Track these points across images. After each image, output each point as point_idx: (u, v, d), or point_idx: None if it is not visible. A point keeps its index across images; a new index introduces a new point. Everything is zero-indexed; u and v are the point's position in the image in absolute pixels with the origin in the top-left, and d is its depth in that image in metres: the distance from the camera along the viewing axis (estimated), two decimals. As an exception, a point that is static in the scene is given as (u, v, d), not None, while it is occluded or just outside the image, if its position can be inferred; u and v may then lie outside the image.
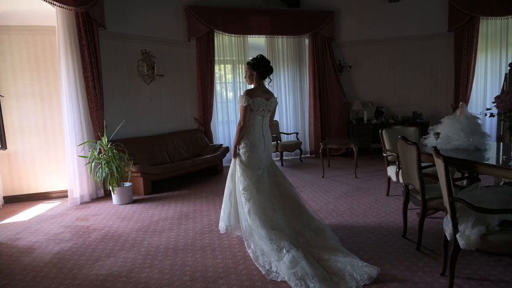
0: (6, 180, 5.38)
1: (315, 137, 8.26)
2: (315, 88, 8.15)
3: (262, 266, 2.89)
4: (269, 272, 2.80)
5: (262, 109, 3.35)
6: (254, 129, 3.38)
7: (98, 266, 3.13)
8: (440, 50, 7.78)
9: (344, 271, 2.69)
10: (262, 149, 3.42)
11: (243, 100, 3.27)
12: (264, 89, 3.43)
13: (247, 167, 3.34)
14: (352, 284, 2.56)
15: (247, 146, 3.37)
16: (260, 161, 3.41)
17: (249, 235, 3.19)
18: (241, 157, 3.39)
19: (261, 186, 3.33)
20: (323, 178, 6.15)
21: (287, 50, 8.25)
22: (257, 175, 3.36)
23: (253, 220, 3.15)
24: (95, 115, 5.38)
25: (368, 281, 2.60)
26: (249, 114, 3.30)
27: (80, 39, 5.19)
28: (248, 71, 3.41)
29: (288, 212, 3.36)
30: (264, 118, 3.43)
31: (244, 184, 3.29)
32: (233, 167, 3.48)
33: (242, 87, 7.89)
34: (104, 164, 4.95)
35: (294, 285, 2.57)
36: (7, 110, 5.21)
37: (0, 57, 5.15)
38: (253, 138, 3.37)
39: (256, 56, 3.44)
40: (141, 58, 6.46)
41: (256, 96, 3.32)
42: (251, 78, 3.41)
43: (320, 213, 4.28)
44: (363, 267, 2.74)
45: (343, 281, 2.59)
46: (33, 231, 4.12)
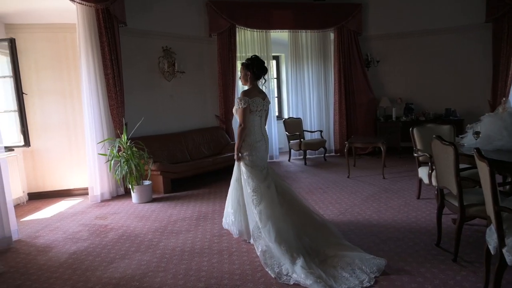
0: (30, 177, 5.44)
1: (340, 135, 7.95)
2: (340, 84, 7.83)
3: (271, 269, 2.83)
4: (280, 275, 2.75)
5: (260, 109, 3.34)
6: (254, 130, 3.35)
7: (112, 269, 3.04)
8: (476, 42, 7.25)
9: (354, 265, 2.73)
10: (263, 149, 3.41)
11: (242, 102, 3.24)
12: (259, 89, 3.42)
13: (253, 168, 3.30)
14: (363, 277, 2.61)
15: (251, 148, 3.32)
16: (263, 161, 3.40)
17: (258, 237, 3.12)
18: (246, 159, 3.33)
19: (269, 184, 3.30)
20: (348, 178, 5.86)
21: (311, 45, 7.97)
22: (264, 173, 3.34)
23: (265, 223, 3.08)
24: (115, 112, 5.35)
25: (377, 273, 2.67)
26: (248, 115, 3.27)
27: (101, 36, 5.15)
28: (243, 71, 3.40)
29: (289, 209, 3.33)
30: (262, 119, 3.43)
31: (252, 185, 3.23)
32: (238, 171, 3.42)
33: (264, 84, 7.66)
34: (123, 162, 4.90)
35: (313, 282, 2.55)
36: (30, 107, 5.26)
37: (23, 55, 5.18)
38: (256, 139, 3.35)
39: (250, 56, 3.43)
40: (161, 55, 6.38)
41: (254, 96, 3.30)
42: (245, 78, 3.40)
43: (344, 217, 4.04)
44: (371, 259, 2.79)
45: (354, 275, 2.64)
46: (52, 229, 4.11)
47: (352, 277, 2.62)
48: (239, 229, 3.47)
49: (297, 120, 7.81)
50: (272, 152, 7.79)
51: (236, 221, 3.48)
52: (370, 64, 7.93)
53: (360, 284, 2.55)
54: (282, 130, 7.81)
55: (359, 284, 2.55)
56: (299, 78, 7.95)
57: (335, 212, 4.24)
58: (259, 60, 3.38)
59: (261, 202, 3.15)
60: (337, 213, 4.18)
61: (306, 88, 8.03)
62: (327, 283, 2.54)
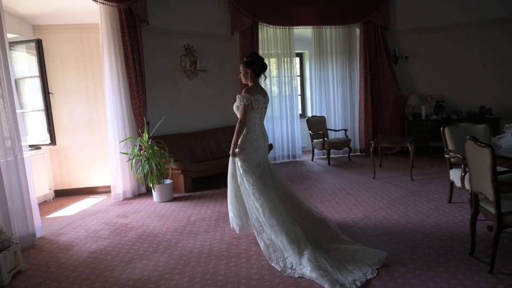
0: (57, 175, 5.57)
1: (365, 134, 7.68)
2: (366, 81, 7.56)
3: (276, 263, 2.89)
4: (285, 269, 2.82)
5: (261, 107, 3.34)
6: (255, 127, 3.35)
7: (130, 269, 3.02)
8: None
9: (356, 258, 2.82)
10: (262, 146, 3.40)
11: (245, 99, 3.23)
12: (260, 87, 3.42)
13: (249, 164, 3.29)
14: (366, 269, 2.70)
15: (250, 145, 3.32)
16: (260, 158, 3.38)
17: (260, 230, 3.14)
18: (242, 155, 3.31)
19: (266, 182, 3.31)
20: (373, 179, 5.63)
21: (335, 41, 7.73)
22: (260, 170, 3.34)
23: (268, 217, 3.08)
24: (137, 111, 5.38)
25: (379, 265, 2.77)
26: (249, 112, 3.26)
27: (123, 36, 5.18)
28: (243, 69, 3.39)
29: (288, 206, 3.34)
30: (262, 116, 3.42)
31: (251, 180, 3.22)
32: (233, 166, 3.40)
33: (287, 82, 7.55)
34: (144, 161, 4.91)
35: (319, 276, 2.60)
36: (56, 106, 5.37)
37: (50, 55, 5.29)
38: (255, 136, 3.34)
39: (249, 54, 3.43)
40: (184, 53, 6.37)
41: (256, 93, 3.29)
42: (245, 76, 3.39)
43: (369, 220, 3.85)
44: (372, 252, 2.90)
45: (357, 267, 2.72)
46: (75, 227, 4.17)
47: (355, 269, 2.70)
48: (239, 225, 3.44)
49: (320, 119, 7.61)
50: (295, 151, 7.65)
51: (235, 216, 3.43)
52: (398, 60, 7.60)
53: (364, 276, 2.63)
54: (305, 129, 7.64)
55: (363, 276, 2.63)
56: (323, 75, 7.74)
57: (359, 215, 4.06)
58: (258, 57, 3.38)
59: (261, 196, 3.14)
60: (361, 217, 4.00)
61: (330, 86, 7.81)
62: (332, 276, 2.59)
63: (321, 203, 4.60)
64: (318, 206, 4.47)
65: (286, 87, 7.56)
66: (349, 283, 2.54)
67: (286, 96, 7.56)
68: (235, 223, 3.45)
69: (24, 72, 5.20)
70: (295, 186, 5.48)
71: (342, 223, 3.82)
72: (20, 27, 5.07)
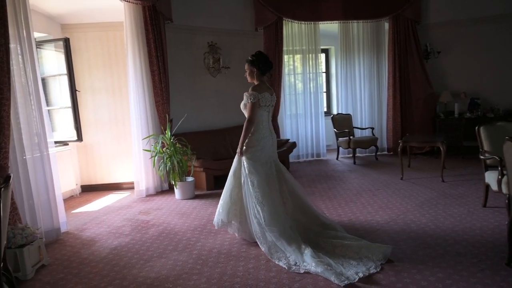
0: (83, 170, 5.71)
1: (393, 132, 7.39)
2: (395, 77, 7.27)
3: (279, 261, 2.94)
4: (289, 266, 2.85)
5: (268, 105, 3.35)
6: (262, 125, 3.35)
7: (148, 267, 3.01)
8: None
9: (360, 254, 2.87)
10: (270, 145, 3.40)
11: (252, 97, 3.24)
12: (266, 85, 3.42)
13: (256, 163, 3.29)
14: (370, 264, 2.75)
15: (258, 143, 3.32)
16: (267, 157, 3.38)
17: (262, 233, 3.13)
18: (249, 154, 3.30)
19: (271, 181, 3.32)
20: (401, 180, 5.39)
21: (363, 36, 7.47)
22: (266, 170, 3.33)
23: (269, 221, 3.10)
24: (160, 108, 5.40)
25: (383, 261, 2.81)
26: (257, 110, 3.26)
27: (147, 33, 5.21)
28: (248, 68, 3.39)
29: (296, 208, 3.38)
30: (269, 114, 3.43)
31: (255, 182, 3.21)
32: (237, 164, 3.40)
33: (312, 78, 7.37)
34: (167, 158, 4.92)
35: (324, 270, 2.67)
36: (83, 104, 5.48)
37: (77, 54, 5.41)
38: (263, 134, 3.34)
39: (254, 53, 3.42)
40: (207, 51, 6.35)
41: (263, 91, 3.30)
42: (251, 75, 3.40)
43: (395, 224, 3.66)
44: (377, 247, 2.94)
45: (361, 263, 2.78)
46: (98, 222, 4.23)
47: (359, 264, 2.76)
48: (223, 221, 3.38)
49: (346, 116, 7.39)
50: (319, 150, 7.49)
51: (223, 212, 3.37)
52: (430, 55, 7.25)
53: (367, 271, 2.68)
54: (330, 127, 7.45)
55: (366, 270, 2.68)
56: (349, 71, 7.51)
57: (385, 218, 3.88)
58: (263, 56, 3.38)
59: (263, 199, 3.15)
60: (387, 219, 3.82)
61: (357, 82, 7.56)
62: (336, 270, 2.67)
63: (345, 204, 4.45)
64: (342, 207, 4.32)
65: (311, 84, 7.39)
66: (351, 274, 2.62)
67: (311, 93, 7.39)
68: (220, 218, 3.39)
69: (53, 70, 5.34)
70: (319, 186, 5.35)
71: (366, 226, 3.66)
72: (49, 26, 5.21)
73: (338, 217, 3.97)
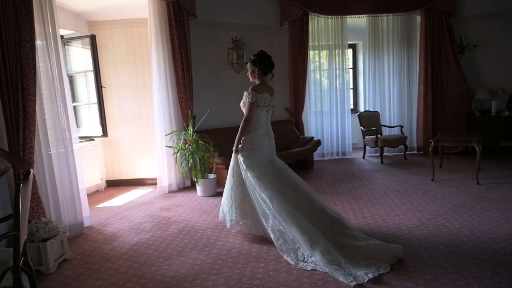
0: (108, 166, 5.79)
1: (424, 131, 7.07)
2: (426, 73, 6.93)
3: (287, 255, 2.92)
4: (297, 261, 2.84)
5: (267, 105, 3.34)
6: (260, 125, 3.35)
7: (167, 266, 2.97)
8: None
9: (370, 254, 2.82)
10: (266, 145, 3.40)
11: (250, 97, 3.25)
12: (267, 85, 3.41)
13: (251, 161, 3.31)
14: (379, 264, 2.71)
15: (253, 141, 3.33)
16: (263, 156, 3.37)
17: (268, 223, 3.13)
18: (245, 152, 3.33)
19: (270, 175, 3.30)
20: (432, 181, 5.12)
21: (393, 31, 7.17)
22: (261, 168, 3.31)
23: (277, 208, 3.07)
24: (183, 105, 5.38)
25: (393, 261, 2.76)
26: (255, 110, 3.28)
27: (171, 29, 5.20)
28: (250, 67, 3.41)
29: (302, 204, 3.28)
30: (268, 114, 3.43)
31: (256, 174, 3.23)
32: (234, 162, 3.43)
33: (339, 75, 7.15)
34: (189, 155, 4.90)
35: (333, 270, 2.63)
36: (108, 100, 5.56)
37: (103, 50, 5.48)
38: (260, 134, 3.35)
39: (257, 52, 3.41)
40: (231, 46, 6.28)
41: (262, 92, 3.30)
42: (253, 75, 3.42)
43: (426, 229, 3.45)
44: (386, 248, 2.88)
45: (371, 263, 2.73)
46: (121, 218, 4.26)
47: (369, 264, 2.71)
48: (228, 220, 3.40)
49: (374, 114, 7.13)
50: (345, 148, 7.27)
51: (228, 212, 3.42)
52: (465, 50, 6.86)
53: (376, 270, 2.64)
54: (356, 125, 7.22)
55: (376, 270, 2.64)
56: (378, 67, 7.23)
57: (414, 221, 3.66)
58: (265, 55, 3.37)
59: (267, 187, 3.14)
60: (417, 223, 3.61)
61: (386, 79, 7.27)
62: (345, 270, 2.63)
63: (371, 205, 4.25)
64: (368, 208, 4.14)
65: (337, 80, 7.17)
66: (361, 275, 2.58)
67: (337, 90, 7.18)
68: (227, 219, 3.44)
69: (80, 67, 5.43)
70: (344, 186, 5.17)
71: (394, 229, 3.47)
72: (76, 23, 5.30)
73: (363, 219, 3.80)
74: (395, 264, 2.76)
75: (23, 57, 3.12)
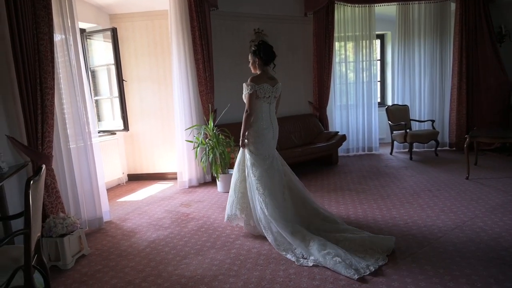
0: (130, 160, 5.78)
1: (457, 126, 6.66)
2: (461, 64, 6.50)
3: (286, 253, 2.89)
4: (297, 259, 2.80)
5: (268, 96, 3.27)
6: (262, 117, 3.28)
7: (184, 265, 2.87)
8: None
9: (365, 246, 2.84)
10: (270, 137, 3.34)
11: (249, 88, 3.19)
12: (269, 75, 3.35)
13: (257, 156, 3.26)
14: (377, 256, 2.74)
15: (257, 135, 3.27)
16: (269, 149, 3.33)
17: (266, 224, 3.12)
18: (251, 146, 3.29)
19: (273, 174, 3.27)
20: (467, 180, 4.78)
21: (424, 19, 6.76)
22: (268, 163, 3.28)
23: (271, 213, 3.07)
24: (204, 98, 5.27)
25: (388, 252, 2.79)
26: (255, 101, 3.22)
27: (191, 21, 5.08)
28: (251, 58, 3.37)
29: (296, 201, 3.33)
30: (271, 105, 3.35)
31: (257, 174, 3.20)
32: (241, 156, 3.39)
33: (366, 67, 6.84)
34: (209, 150, 4.79)
35: (334, 264, 2.61)
36: (129, 93, 5.53)
37: (125, 43, 5.44)
38: (262, 126, 3.28)
39: (257, 42, 3.40)
40: (253, 38, 6.09)
41: (262, 82, 3.24)
42: (254, 65, 3.37)
43: (461, 232, 3.18)
44: (380, 239, 2.92)
45: (368, 255, 2.74)
46: (140, 213, 4.21)
47: (366, 256, 2.72)
48: (228, 214, 3.39)
49: (403, 108, 6.78)
50: (371, 144, 6.97)
51: (228, 205, 3.40)
52: (505, 39, 6.39)
53: (375, 262, 2.64)
54: (383, 119, 6.89)
55: (375, 262, 2.65)
56: (408, 59, 6.86)
57: (448, 224, 3.39)
58: (266, 45, 3.32)
59: (265, 191, 3.12)
60: (451, 226, 3.34)
61: (416, 71, 6.89)
62: (346, 261, 2.60)
63: (400, 205, 4.00)
64: (397, 208, 3.89)
65: (364, 72, 6.85)
66: (362, 268, 2.56)
67: (363, 82, 6.87)
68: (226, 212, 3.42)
69: (101, 60, 5.42)
70: (370, 183, 4.92)
71: (426, 232, 3.22)
72: (98, 16, 5.26)
73: (392, 220, 3.56)
74: (429, 271, 2.54)
75: (41, 50, 3.08)
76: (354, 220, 3.59)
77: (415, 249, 2.90)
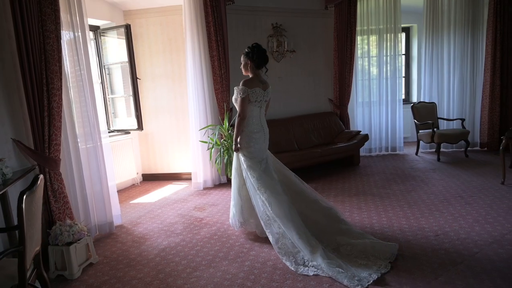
0: (144, 159, 5.67)
1: (489, 125, 6.21)
2: (494, 59, 6.04)
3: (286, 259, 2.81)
4: (297, 267, 2.71)
5: (259, 100, 3.20)
6: (253, 121, 3.23)
7: (194, 278, 2.69)
8: None
9: (367, 253, 2.78)
10: (262, 140, 3.28)
11: (241, 92, 3.12)
12: (261, 79, 3.26)
13: (251, 159, 3.20)
14: (379, 263, 2.66)
15: (248, 139, 3.20)
16: (261, 152, 3.27)
17: (268, 224, 3.04)
18: (244, 150, 3.23)
19: (271, 173, 3.21)
20: (503, 185, 4.40)
21: (454, 11, 6.32)
22: (263, 165, 3.22)
23: (276, 212, 2.96)
24: (220, 96, 5.07)
25: (391, 259, 2.72)
26: (247, 106, 3.14)
27: (206, 16, 4.87)
28: (243, 60, 3.27)
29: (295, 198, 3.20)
30: (261, 109, 3.29)
31: (256, 174, 3.13)
32: (237, 161, 3.32)
33: (390, 62, 6.46)
34: (224, 151, 4.59)
35: (337, 273, 2.53)
36: (144, 91, 5.39)
37: (138, 40, 5.30)
38: (253, 129, 3.22)
39: (251, 45, 3.24)
40: (271, 33, 5.84)
41: (254, 86, 3.16)
42: (246, 68, 3.29)
43: (500, 246, 2.86)
44: (383, 246, 2.83)
45: (370, 262, 2.68)
46: (152, 216, 4.07)
47: (368, 263, 2.66)
48: (240, 221, 3.33)
49: (430, 105, 6.37)
50: (395, 143, 6.60)
51: (237, 213, 3.33)
52: (544, 30, 5.87)
53: (378, 270, 2.58)
54: (408, 117, 6.52)
55: (377, 270, 2.58)
56: (435, 53, 6.43)
57: (484, 237, 3.07)
58: (260, 49, 3.22)
59: (267, 190, 3.05)
60: (487, 239, 3.02)
61: (445, 66, 6.46)
62: (348, 272, 2.53)
63: (429, 213, 3.68)
64: (425, 217, 3.58)
65: (387, 67, 6.48)
66: (365, 277, 2.49)
67: (387, 78, 6.50)
68: (237, 220, 3.35)
69: (115, 58, 5.29)
70: (394, 187, 4.62)
71: (460, 246, 2.92)
72: (112, 13, 5.13)
73: (421, 231, 3.26)
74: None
75: (47, 49, 2.94)
76: (378, 231, 3.32)
77: (448, 267, 2.61)
